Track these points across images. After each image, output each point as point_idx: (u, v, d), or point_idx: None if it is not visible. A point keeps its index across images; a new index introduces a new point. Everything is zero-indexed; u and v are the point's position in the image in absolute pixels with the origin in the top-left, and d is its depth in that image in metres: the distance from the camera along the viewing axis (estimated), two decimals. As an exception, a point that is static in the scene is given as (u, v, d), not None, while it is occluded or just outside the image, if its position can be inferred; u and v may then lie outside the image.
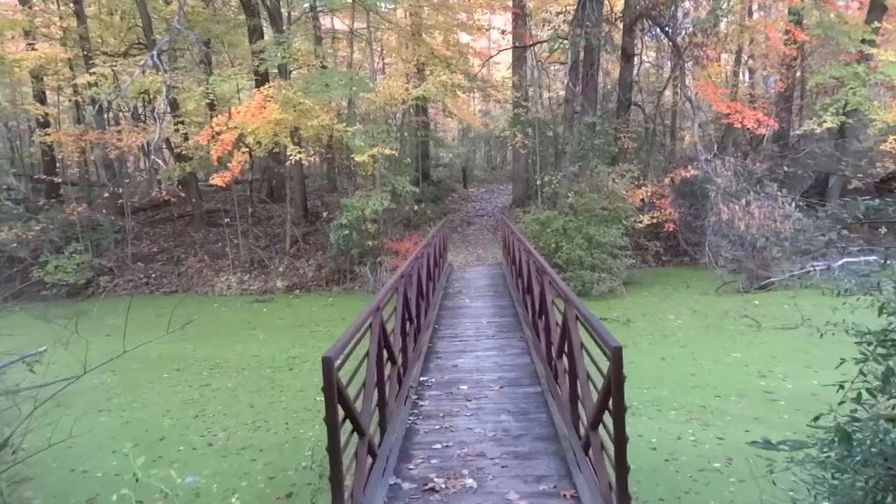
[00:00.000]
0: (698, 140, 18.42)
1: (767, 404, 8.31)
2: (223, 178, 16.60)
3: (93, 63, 20.51)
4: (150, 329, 15.23)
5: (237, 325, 14.99)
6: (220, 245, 21.83)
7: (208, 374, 11.05)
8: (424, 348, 8.32)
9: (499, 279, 14.58)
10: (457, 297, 12.19)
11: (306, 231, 22.43)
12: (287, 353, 12.16)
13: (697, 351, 10.98)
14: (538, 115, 21.35)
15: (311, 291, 19.02)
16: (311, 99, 16.29)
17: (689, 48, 19.37)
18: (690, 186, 20.51)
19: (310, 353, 11.89)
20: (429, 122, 27.45)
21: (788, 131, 22.96)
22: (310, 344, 12.77)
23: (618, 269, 16.36)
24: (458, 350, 8.26)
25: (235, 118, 16.50)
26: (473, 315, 10.48)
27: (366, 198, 17.39)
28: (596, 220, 16.99)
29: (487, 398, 6.33)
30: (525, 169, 24.90)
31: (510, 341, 8.57)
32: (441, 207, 25.83)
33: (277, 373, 10.98)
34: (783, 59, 21.55)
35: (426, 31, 21.56)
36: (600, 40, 18.15)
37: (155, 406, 9.48)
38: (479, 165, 37.40)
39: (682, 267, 20.08)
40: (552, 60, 23.00)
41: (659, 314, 14.07)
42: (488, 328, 9.46)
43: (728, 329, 12.41)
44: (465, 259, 19.93)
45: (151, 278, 21.00)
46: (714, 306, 14.55)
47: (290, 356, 11.98)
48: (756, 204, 16.61)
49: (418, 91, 17.37)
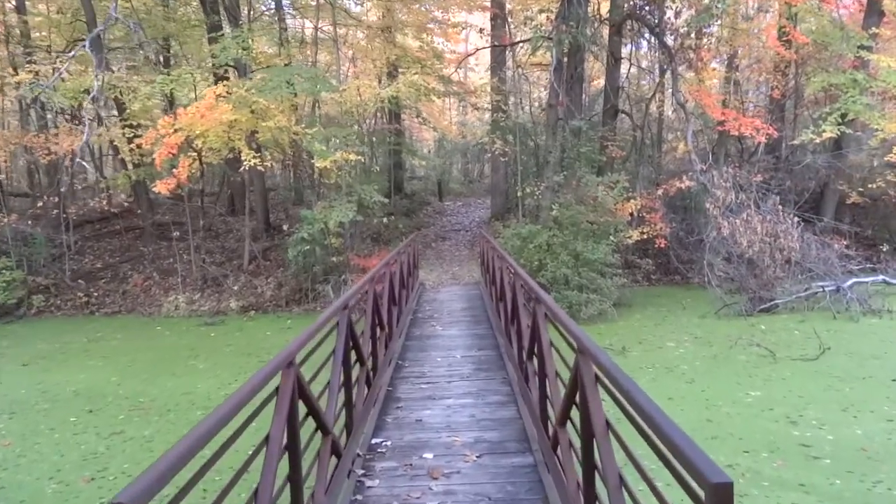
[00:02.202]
0: (693, 149, 16.97)
1: (809, 464, 6.68)
2: (167, 185, 14.70)
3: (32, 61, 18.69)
4: (79, 357, 13.34)
5: (177, 353, 13.06)
6: (171, 261, 19.86)
7: (125, 417, 9.13)
8: (390, 370, 6.62)
9: (476, 301, 12.91)
10: (427, 324, 10.46)
11: (267, 246, 20.56)
12: (226, 390, 10.27)
13: (709, 388, 9.36)
14: (519, 121, 19.81)
15: (268, 313, 17.14)
16: (268, 97, 14.56)
17: (681, 51, 18.00)
18: (682, 200, 19.12)
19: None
20: (402, 130, 25.79)
21: (782, 142, 21.71)
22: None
23: (608, 289, 14.74)
24: (425, 396, 6.52)
25: (182, 119, 14.69)
26: (446, 347, 8.76)
27: (329, 209, 15.62)
28: (583, 235, 15.42)
29: (460, 474, 4.61)
30: (505, 180, 23.36)
31: (490, 384, 6.86)
32: (414, 221, 24.11)
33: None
34: (777, 65, 20.33)
35: (398, 30, 19.95)
36: (587, 39, 16.68)
37: (45, 463, 7.56)
38: (455, 178, 35.88)
39: (673, 286, 18.59)
40: (534, 63, 21.54)
41: (656, 341, 12.46)
42: (463, 365, 7.73)
43: (739, 360, 10.81)
44: (438, 277, 18.20)
45: (93, 297, 18.91)
46: (717, 332, 12.99)
47: (229, 394, 10.09)
48: (758, 218, 15.20)
49: (388, 91, 15.68)
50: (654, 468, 2.76)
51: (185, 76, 18.02)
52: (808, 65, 20.54)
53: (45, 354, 13.29)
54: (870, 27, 17.89)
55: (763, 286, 15.17)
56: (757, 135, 17.15)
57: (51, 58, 19.17)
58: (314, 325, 4.19)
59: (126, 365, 12.19)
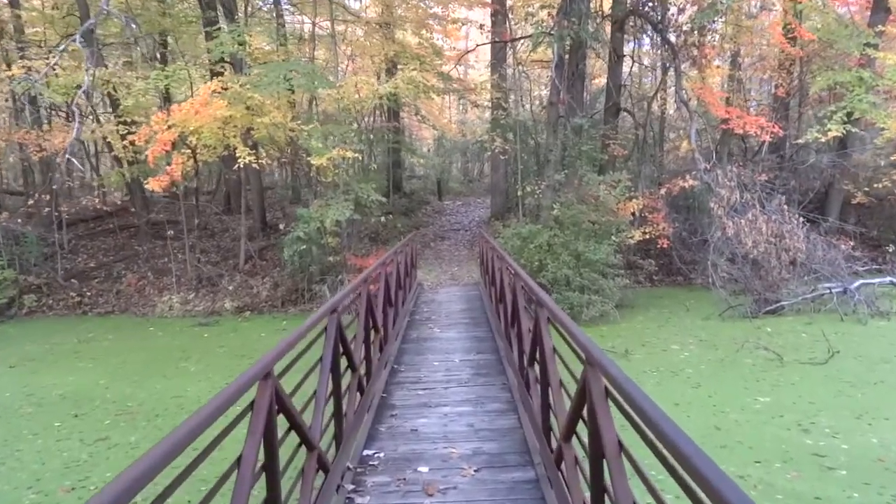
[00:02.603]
0: (696, 147, 16.65)
1: (824, 475, 6.37)
2: (160, 182, 14.39)
3: (25, 56, 18.38)
4: (69, 358, 13.01)
5: (168, 355, 12.74)
6: (165, 260, 19.53)
7: (111, 422, 8.82)
8: (385, 375, 6.31)
9: (475, 302, 12.58)
10: (424, 326, 10.14)
11: (264, 245, 20.24)
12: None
13: (716, 393, 9.04)
14: (519, 119, 19.48)
15: (263, 313, 16.82)
16: (263, 93, 14.24)
17: (684, 48, 17.68)
18: (685, 199, 18.80)
19: (246, 396, 9.71)
20: (401, 128, 25.46)
21: (786, 141, 21.38)
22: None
23: (610, 290, 14.42)
24: (421, 403, 6.21)
25: (175, 115, 14.37)
26: (443, 350, 8.44)
27: (325, 207, 15.30)
28: (585, 235, 15.11)
29: (457, 490, 4.29)
30: (504, 179, 23.03)
31: (490, 390, 6.55)
32: (413, 221, 23.77)
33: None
34: (782, 63, 20.01)
35: (397, 26, 19.60)
36: (588, 35, 16.35)
37: (25, 471, 7.25)
38: (455, 178, 35.55)
39: (675, 287, 18.27)
40: (535, 59, 21.22)
41: (660, 343, 12.14)
42: (462, 369, 7.42)
43: (745, 363, 10.50)
44: (437, 278, 17.88)
45: (86, 297, 18.59)
46: (721, 334, 12.69)
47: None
48: (763, 218, 14.88)
49: (386, 87, 15.35)
50: (674, 498, 2.45)
51: (181, 72, 17.66)
52: (813, 63, 20.22)
53: (33, 356, 12.97)
54: (876, 24, 17.56)
55: (768, 287, 14.86)
56: (762, 133, 16.85)
57: (44, 53, 18.84)
58: (296, 333, 3.78)
59: (116, 367, 11.87)
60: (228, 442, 2.65)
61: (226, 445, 2.68)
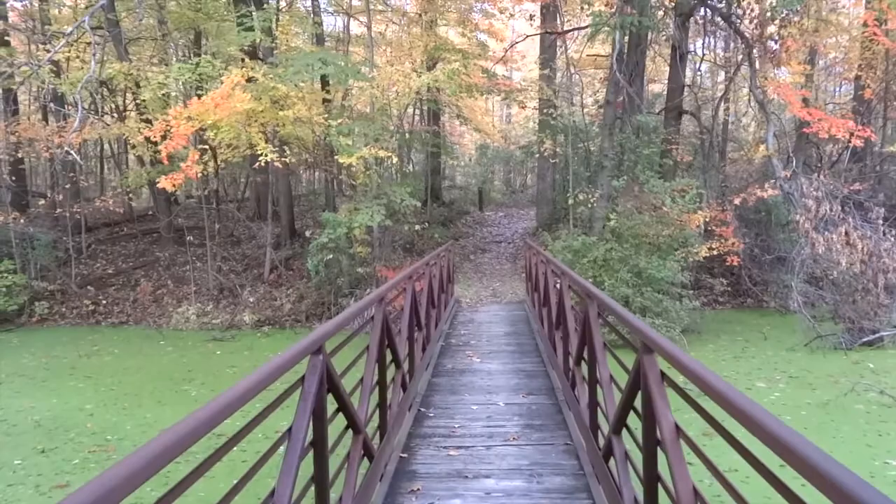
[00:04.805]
0: (775, 153, 14.63)
1: None
2: (172, 181, 13.07)
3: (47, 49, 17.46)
4: (61, 376, 11.56)
5: (171, 375, 11.26)
6: (187, 268, 18.27)
7: (80, 462, 7.30)
8: (409, 419, 4.64)
9: (521, 325, 10.81)
10: (461, 354, 8.40)
11: (290, 255, 18.83)
12: (216, 429, 8.40)
13: (831, 452, 7.08)
14: (572, 118, 17.71)
15: (285, 328, 15.34)
16: (291, 80, 12.85)
17: (759, 39, 15.67)
18: (756, 212, 16.73)
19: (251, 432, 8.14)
20: (441, 131, 23.89)
21: (868, 148, 19.11)
22: (254, 411, 9.01)
23: (676, 312, 12.50)
24: (454, 471, 4.49)
25: (193, 108, 13.07)
26: (484, 388, 6.69)
27: (354, 212, 13.76)
28: (646, 250, 13.24)
29: None
30: (551, 188, 21.23)
31: (548, 454, 4.77)
32: (451, 231, 22.10)
33: (186, 466, 7.23)
34: (870, 62, 17.83)
35: (439, 17, 18.09)
36: (653, 25, 14.55)
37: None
38: (497, 188, 33.89)
39: (744, 310, 16.20)
40: (589, 55, 19.43)
41: (742, 380, 10.17)
42: (508, 418, 5.66)
43: (857, 410, 8.49)
44: (476, 294, 16.14)
45: (101, 305, 17.40)
46: (815, 369, 10.66)
47: (218, 433, 8.21)
48: (857, 234, 12.79)
49: (425, 78, 13.76)
50: None
51: (205, 66, 16.47)
52: (904, 60, 18.00)
53: (25, 371, 11.66)
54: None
55: (863, 315, 12.73)
56: (851, 138, 14.74)
57: (69, 46, 17.91)
58: (344, 315, 3.78)
59: (109, 388, 10.44)
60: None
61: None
